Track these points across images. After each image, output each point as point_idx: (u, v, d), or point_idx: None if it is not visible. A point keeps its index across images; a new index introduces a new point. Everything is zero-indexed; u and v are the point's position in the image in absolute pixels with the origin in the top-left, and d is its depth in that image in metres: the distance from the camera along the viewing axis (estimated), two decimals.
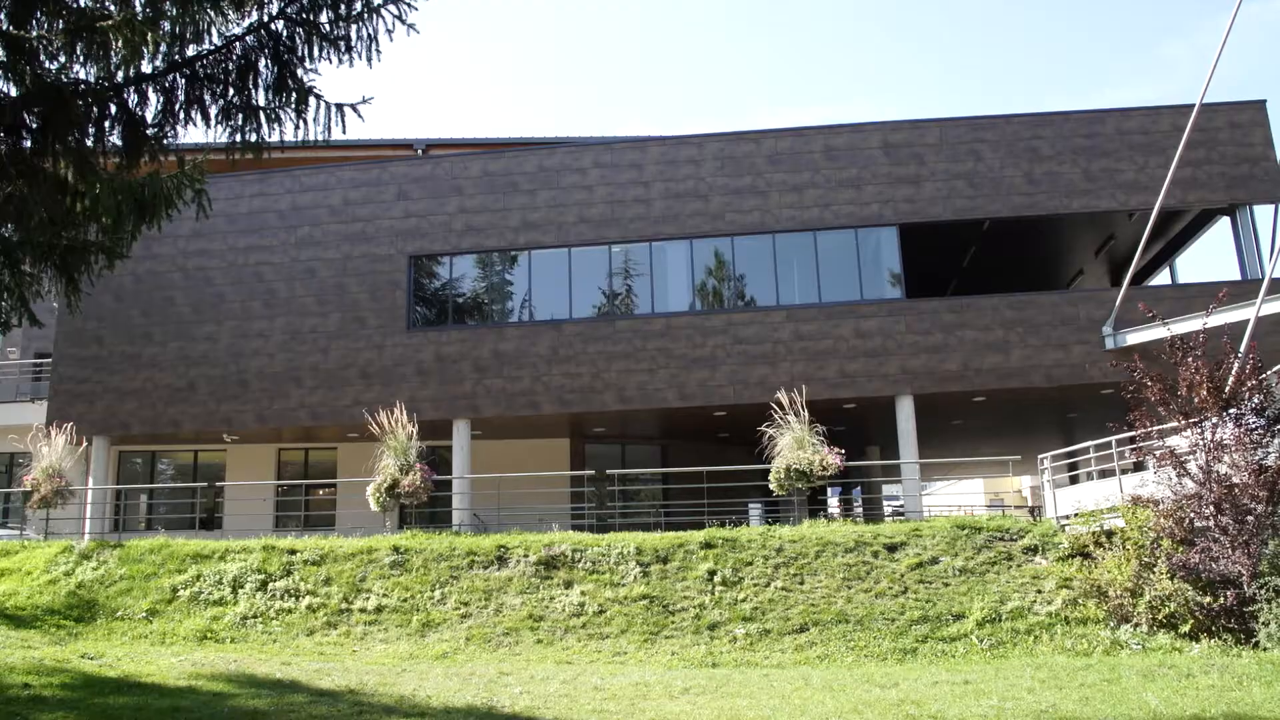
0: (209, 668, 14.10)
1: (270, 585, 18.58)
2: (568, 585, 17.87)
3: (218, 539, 21.49)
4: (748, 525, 20.87)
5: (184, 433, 27.83)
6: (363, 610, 17.63)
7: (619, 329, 26.27)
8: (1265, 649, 13.40)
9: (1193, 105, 24.21)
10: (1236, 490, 14.81)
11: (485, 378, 26.28)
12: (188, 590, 18.62)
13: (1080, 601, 16.20)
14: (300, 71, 11.36)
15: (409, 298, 27.17)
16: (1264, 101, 26.75)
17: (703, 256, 26.92)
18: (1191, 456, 15.50)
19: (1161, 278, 32.55)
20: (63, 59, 10.39)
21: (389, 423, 22.12)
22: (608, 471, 25.28)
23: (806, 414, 21.05)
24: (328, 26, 11.32)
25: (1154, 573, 15.25)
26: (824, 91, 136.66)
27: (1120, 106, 27.34)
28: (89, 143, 10.85)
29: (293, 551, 19.65)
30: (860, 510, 33.83)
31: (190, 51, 10.81)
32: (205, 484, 26.83)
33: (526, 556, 18.67)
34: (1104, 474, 20.23)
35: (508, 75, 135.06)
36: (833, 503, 34.71)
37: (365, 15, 11.35)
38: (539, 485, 27.06)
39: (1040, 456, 22.08)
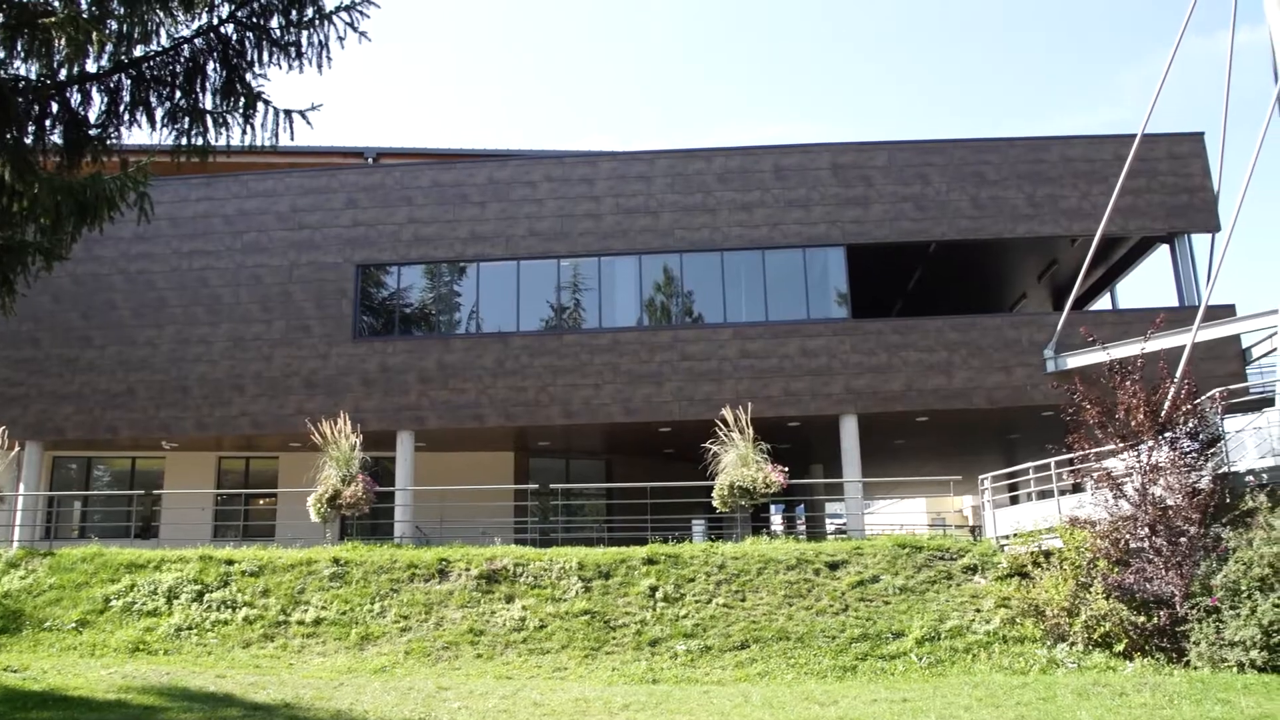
0: (140, 680, 13.87)
1: (206, 596, 18.30)
2: (509, 599, 17.77)
3: (154, 548, 21.13)
4: (691, 541, 20.86)
5: (121, 439, 27.41)
6: (301, 622, 17.42)
7: (566, 343, 26.24)
8: (1196, 668, 13.59)
9: (1135, 135, 24.65)
10: (1170, 512, 15.07)
11: (430, 389, 26.13)
12: (120, 600, 18.29)
13: (1018, 620, 16.35)
14: (249, 76, 11.28)
15: (355, 307, 26.96)
16: (1202, 134, 27.28)
17: (652, 272, 26.96)
18: (1128, 479, 15.75)
19: (1102, 303, 32.99)
20: (1, 54, 10.23)
21: (332, 433, 21.92)
22: (551, 486, 25.16)
23: (751, 431, 21.12)
24: (278, 32, 11.25)
25: (1090, 592, 15.43)
26: (776, 110, 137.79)
27: (1064, 134, 27.82)
28: (28, 141, 10.68)
29: (230, 562, 19.37)
30: (803, 528, 33.95)
31: (137, 52, 10.69)
32: (142, 492, 26.33)
33: (468, 570, 18.54)
34: (1043, 495, 20.47)
35: (461, 86, 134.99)
36: (776, 520, 34.81)
37: (317, 21, 11.29)
38: (482, 498, 26.93)
39: (981, 477, 22.29)
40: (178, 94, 10.98)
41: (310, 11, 11.20)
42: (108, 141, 11.06)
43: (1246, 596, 13.43)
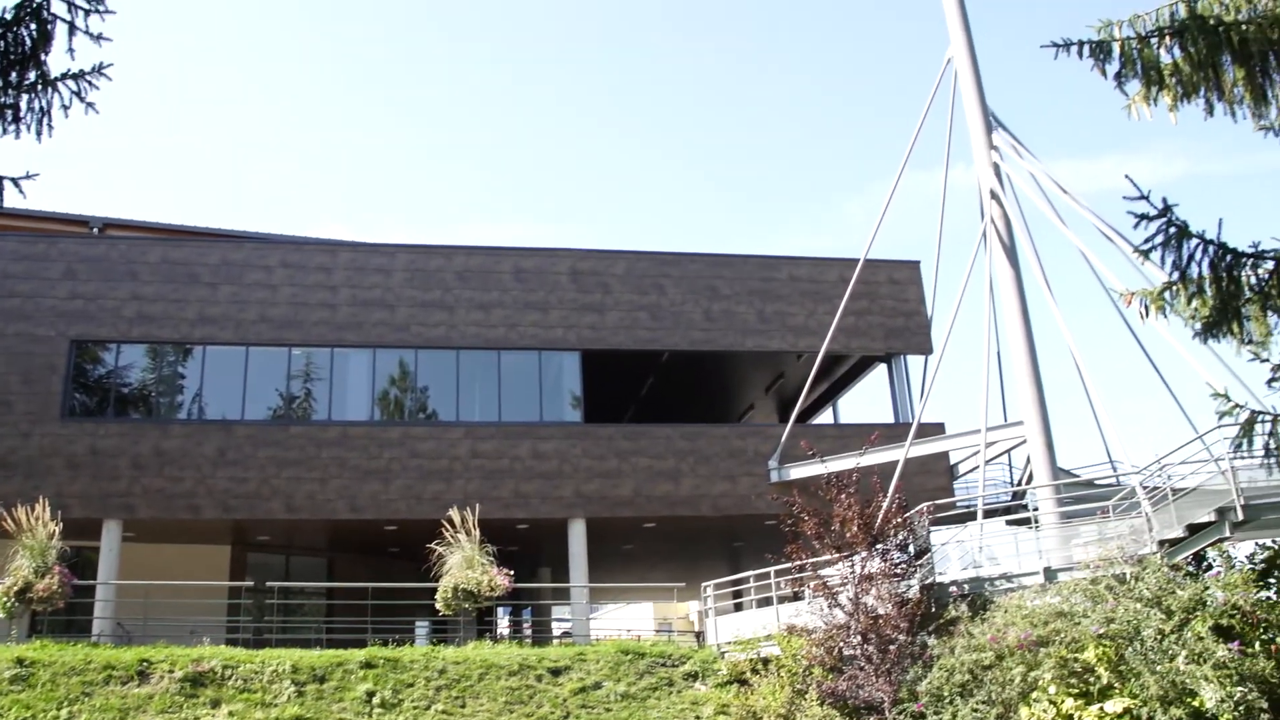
0: None
1: None
2: (215, 704, 16.83)
3: None
4: (412, 645, 20.37)
5: None
6: None
7: (292, 434, 25.38)
8: None
9: (858, 260, 26.15)
10: (881, 621, 15.72)
11: (144, 476, 24.66)
12: None
13: None
14: None
15: (66, 384, 25.23)
16: (918, 262, 29.20)
17: (386, 366, 26.53)
18: (843, 588, 16.35)
19: (825, 417, 34.47)
20: None
21: (28, 519, 20.39)
22: (268, 583, 24.10)
23: (478, 533, 20.94)
24: None
25: (805, 699, 15.85)
26: (516, 210, 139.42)
27: (794, 255, 29.13)
28: None
29: None
30: (530, 632, 33.68)
31: None
32: None
33: (172, 672, 17.48)
34: (764, 602, 20.99)
35: (198, 167, 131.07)
36: (503, 623, 34.40)
37: (40, 87, 10.71)
38: (193, 595, 25.44)
39: (704, 584, 22.68)
40: None
41: (33, 75, 10.62)
42: None
43: (949, 702, 14.06)
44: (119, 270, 26.18)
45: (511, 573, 20.79)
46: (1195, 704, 12.12)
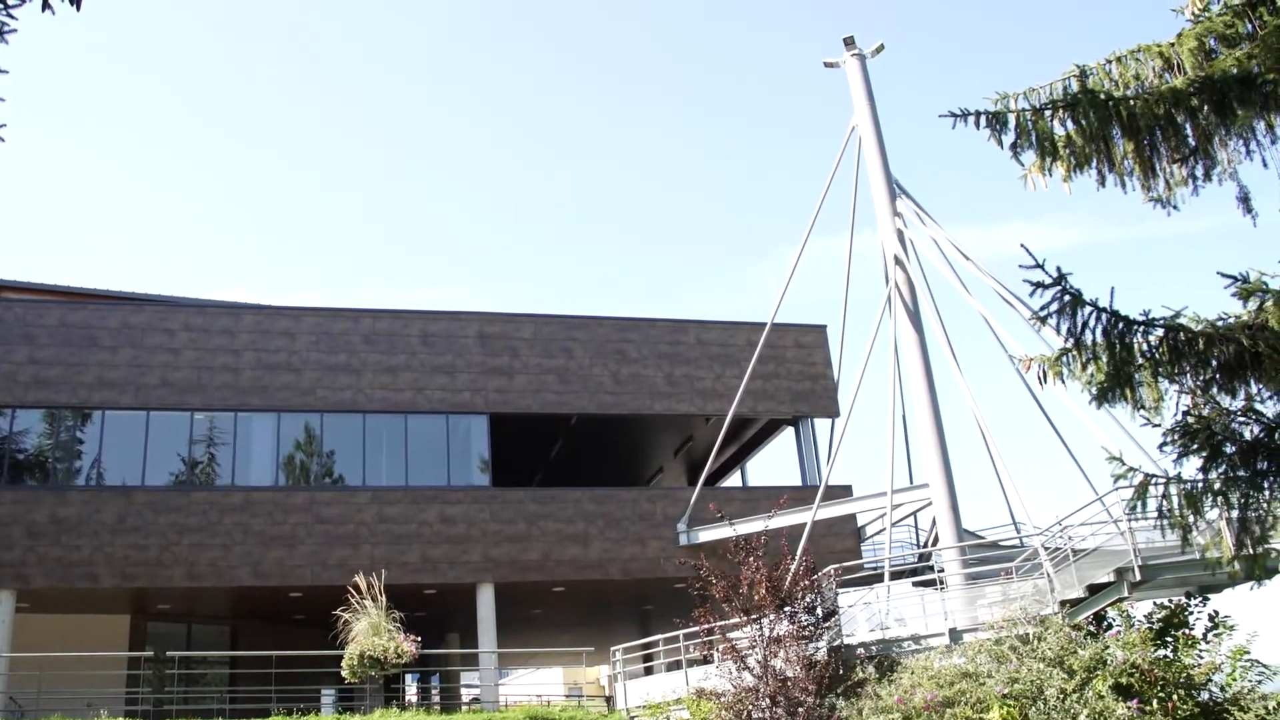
0: None
1: None
2: None
3: None
4: (318, 714, 19.93)
5: None
6: None
7: (194, 500, 24.85)
8: None
9: (765, 324, 26.45)
10: (789, 683, 15.71)
11: (39, 545, 23.91)
12: None
13: None
14: None
15: None
16: (825, 326, 29.63)
17: (291, 430, 26.15)
18: (751, 651, 16.34)
19: (734, 479, 34.64)
20: None
21: None
22: (168, 653, 23.44)
23: (385, 599, 20.64)
24: None
25: None
26: (426, 271, 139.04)
27: (702, 319, 29.39)
28: None
29: None
30: (438, 699, 33.17)
31: None
32: None
33: None
34: (673, 666, 20.92)
35: (103, 227, 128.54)
36: (410, 690, 33.85)
37: None
38: (90, 666, 24.63)
39: (613, 648, 22.57)
40: None
41: None
42: None
43: None
44: (14, 333, 25.55)
45: (419, 639, 20.51)
46: None
